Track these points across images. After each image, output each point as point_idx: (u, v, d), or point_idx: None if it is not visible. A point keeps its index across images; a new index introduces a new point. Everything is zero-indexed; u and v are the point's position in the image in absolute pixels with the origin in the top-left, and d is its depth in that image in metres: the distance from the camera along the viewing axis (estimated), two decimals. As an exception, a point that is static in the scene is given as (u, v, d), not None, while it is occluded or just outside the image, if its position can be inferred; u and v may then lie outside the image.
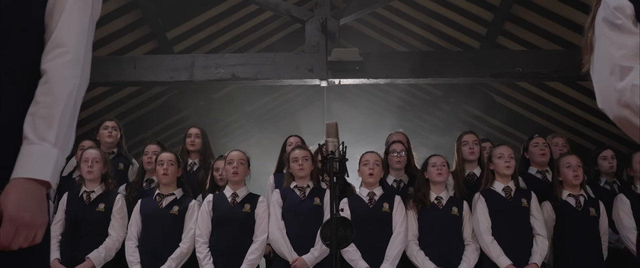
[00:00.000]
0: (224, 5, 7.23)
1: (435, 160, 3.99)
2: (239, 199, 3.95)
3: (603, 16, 1.38)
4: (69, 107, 1.21)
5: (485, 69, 5.14)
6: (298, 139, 4.73)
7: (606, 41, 1.35)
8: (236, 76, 5.15)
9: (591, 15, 1.45)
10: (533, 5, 6.24)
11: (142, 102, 8.20)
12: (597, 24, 1.40)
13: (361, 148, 8.08)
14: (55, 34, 1.26)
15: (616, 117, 1.31)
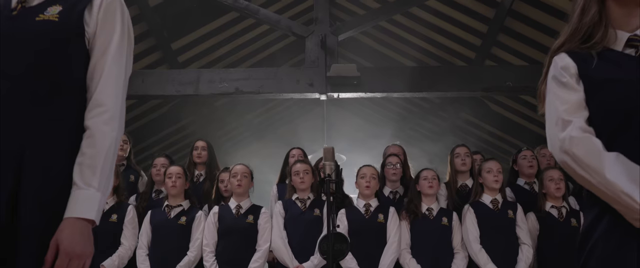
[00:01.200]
0: (226, 17, 7.53)
1: (426, 173, 4.28)
2: (243, 211, 4.25)
3: (552, 74, 1.67)
4: (108, 158, 1.49)
5: (478, 83, 5.43)
6: (300, 152, 5.01)
7: (553, 96, 1.64)
8: (240, 90, 5.44)
9: (544, 71, 1.73)
10: (526, 18, 6.54)
11: (146, 110, 8.49)
12: (548, 80, 1.69)
13: (359, 153, 8.40)
14: (96, 95, 1.52)
15: (560, 160, 1.60)
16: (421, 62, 7.92)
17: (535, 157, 4.75)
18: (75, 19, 1.53)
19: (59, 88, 1.48)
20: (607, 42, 1.65)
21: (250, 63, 8.55)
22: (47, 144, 1.43)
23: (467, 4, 6.91)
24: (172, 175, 4.33)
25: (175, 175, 4.33)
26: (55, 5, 1.54)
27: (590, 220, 1.56)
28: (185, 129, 9.37)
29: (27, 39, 1.49)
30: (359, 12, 7.62)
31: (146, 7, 6.63)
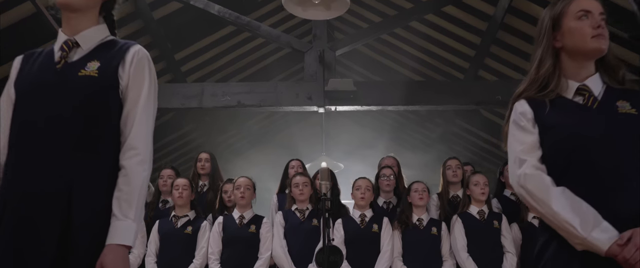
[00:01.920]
0: (227, 29, 7.84)
1: (417, 186, 4.59)
2: (246, 221, 4.56)
3: (513, 118, 1.99)
4: (141, 193, 1.79)
5: (469, 96, 5.75)
6: (299, 163, 5.31)
7: (513, 137, 1.96)
8: (242, 103, 5.75)
9: (507, 115, 2.05)
10: (517, 31, 6.86)
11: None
12: (510, 123, 2.00)
13: (356, 159, 8.69)
14: (129, 140, 1.82)
15: (517, 193, 1.91)
16: (418, 73, 8.25)
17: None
18: (111, 74, 1.83)
19: (98, 133, 1.79)
20: (560, 90, 1.97)
21: (250, 72, 8.87)
22: (90, 183, 1.73)
23: (461, 17, 7.22)
24: (178, 187, 4.64)
25: (182, 186, 4.64)
26: (93, 61, 1.85)
27: (542, 243, 1.87)
28: (187, 135, 9.69)
29: (71, 90, 1.80)
30: (358, 27, 8.00)
31: (151, 20, 6.93)
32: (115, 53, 1.88)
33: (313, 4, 4.40)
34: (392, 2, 7.50)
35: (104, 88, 1.81)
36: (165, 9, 7.06)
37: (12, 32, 5.91)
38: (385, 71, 8.71)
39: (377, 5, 7.76)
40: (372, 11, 7.94)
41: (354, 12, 8.13)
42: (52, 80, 1.81)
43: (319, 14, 4.53)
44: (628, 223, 1.70)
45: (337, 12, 4.51)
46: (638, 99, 1.91)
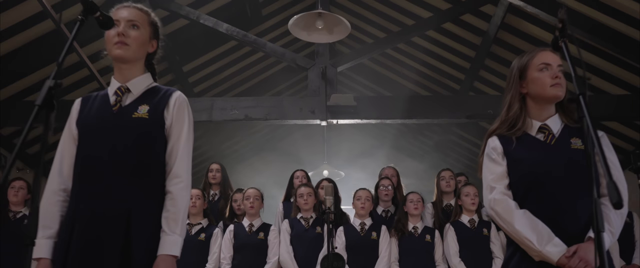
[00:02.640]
0: (231, 43, 8.29)
1: (412, 196, 5.04)
2: (255, 228, 5.01)
3: (486, 151, 2.43)
4: (185, 213, 2.22)
5: (462, 110, 6.19)
6: (303, 173, 5.75)
7: (485, 168, 2.40)
8: (248, 116, 6.19)
9: (482, 148, 2.49)
10: (510, 46, 7.31)
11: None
12: (484, 155, 2.44)
13: (358, 166, 9.12)
14: (174, 170, 2.25)
15: (489, 214, 2.35)
16: (418, 85, 8.73)
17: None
18: (159, 116, 2.27)
19: (149, 164, 2.22)
20: (526, 128, 2.41)
21: (255, 81, 9.33)
22: (145, 205, 2.17)
23: (456, 31, 7.67)
24: (192, 197, 5.08)
25: (196, 196, 5.08)
26: (143, 104, 2.29)
27: (508, 255, 2.31)
28: (197, 148, 10.14)
29: (127, 130, 2.23)
30: (361, 42, 8.49)
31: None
32: (161, 98, 2.32)
33: (317, 29, 4.84)
34: (394, 18, 7.97)
35: (153, 127, 2.25)
36: (175, 24, 7.50)
37: (34, 47, 6.36)
38: (384, 84, 9.19)
39: (378, 19, 8.22)
40: (373, 25, 8.41)
41: (354, 28, 8.62)
42: (111, 121, 2.25)
43: (322, 37, 4.96)
44: (575, 239, 2.15)
45: (339, 36, 4.95)
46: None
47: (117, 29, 2.27)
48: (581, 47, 6.61)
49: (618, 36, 5.97)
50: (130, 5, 2.38)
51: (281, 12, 8.35)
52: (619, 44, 6.07)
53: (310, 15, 4.71)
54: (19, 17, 6.01)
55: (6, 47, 6.24)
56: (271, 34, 8.58)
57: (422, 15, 7.49)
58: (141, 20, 2.36)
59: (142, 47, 2.35)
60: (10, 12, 5.89)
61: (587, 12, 5.94)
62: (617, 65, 6.52)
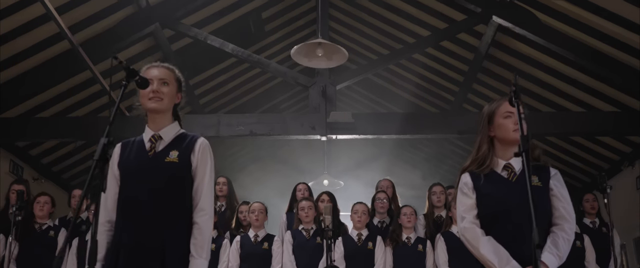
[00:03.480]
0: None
1: (406, 210, 5.54)
2: (260, 239, 5.52)
3: (459, 186, 2.92)
4: (209, 240, 2.70)
5: (454, 126, 6.69)
6: (305, 186, 6.25)
7: (458, 199, 2.90)
8: (253, 132, 6.68)
9: (456, 183, 2.99)
10: (501, 61, 7.82)
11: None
12: (458, 189, 2.94)
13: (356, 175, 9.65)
14: (200, 204, 2.73)
15: (461, 239, 2.85)
16: (417, 96, 9.29)
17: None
18: (186, 160, 2.76)
19: (180, 200, 2.72)
20: (493, 166, 2.90)
21: (256, 95, 9.88)
22: (177, 235, 2.66)
23: (449, 47, 8.18)
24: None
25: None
26: (174, 150, 2.78)
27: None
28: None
29: (161, 172, 2.72)
30: (362, 57, 9.06)
31: (169, 51, 7.85)
32: (187, 144, 2.81)
33: (317, 56, 5.34)
34: (393, 35, 8.51)
35: (182, 170, 2.75)
36: (182, 41, 8.01)
37: (50, 65, 6.87)
38: (383, 96, 9.74)
39: (379, 36, 8.76)
40: (374, 41, 8.95)
41: (355, 44, 9.20)
42: (147, 165, 2.75)
43: (322, 63, 5.47)
44: (529, 262, 2.65)
45: (337, 62, 5.45)
46: (543, 174, 2.85)
47: (151, 87, 2.76)
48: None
49: (609, 60, 6.50)
50: (159, 65, 2.88)
51: (283, 28, 8.85)
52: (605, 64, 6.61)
53: (311, 44, 5.21)
54: (35, 39, 6.52)
55: (23, 66, 6.75)
56: (273, 49, 9.09)
57: (421, 33, 8.01)
58: (169, 77, 2.85)
59: (171, 100, 2.85)
60: (30, 34, 6.40)
61: (583, 39, 6.47)
62: (609, 85, 7.03)
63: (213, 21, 7.87)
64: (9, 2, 5.92)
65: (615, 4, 5.93)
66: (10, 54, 6.47)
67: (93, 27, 6.84)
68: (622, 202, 8.13)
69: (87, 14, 6.62)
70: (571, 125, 6.89)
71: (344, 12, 8.79)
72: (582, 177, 9.21)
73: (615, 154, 8.25)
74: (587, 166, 8.92)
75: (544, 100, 7.96)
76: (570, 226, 2.81)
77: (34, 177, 8.24)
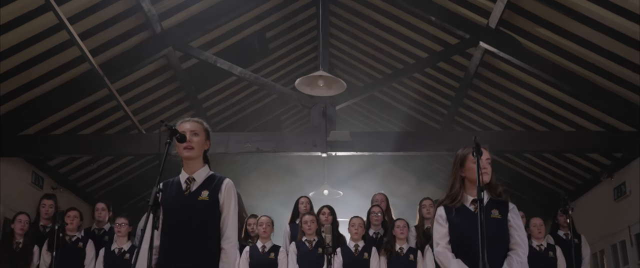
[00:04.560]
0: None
1: (399, 223, 6.29)
2: (267, 249, 6.27)
3: (435, 217, 3.67)
4: (235, 263, 3.45)
5: (443, 144, 7.44)
6: (307, 200, 6.99)
7: (434, 228, 3.64)
8: (260, 149, 7.42)
9: (433, 214, 3.73)
10: (490, 80, 8.56)
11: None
12: (434, 220, 3.69)
13: (354, 186, 10.44)
14: (226, 233, 3.46)
15: (437, 262, 3.60)
16: (414, 109, 10.12)
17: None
18: (215, 198, 3.49)
19: (210, 231, 3.45)
20: (463, 200, 3.65)
21: (258, 105, 10.66)
22: (209, 259, 3.40)
23: (445, 67, 8.92)
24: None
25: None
26: (205, 190, 3.51)
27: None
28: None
29: (195, 208, 3.45)
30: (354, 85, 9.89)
31: (179, 70, 8.57)
32: (216, 184, 3.55)
33: (318, 86, 6.08)
34: (386, 62, 9.28)
35: (212, 206, 3.48)
36: (192, 59, 8.73)
37: (71, 86, 7.58)
38: (378, 116, 10.57)
39: (379, 55, 9.52)
40: (373, 60, 9.71)
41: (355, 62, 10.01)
42: (184, 203, 3.48)
43: (323, 92, 6.20)
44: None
45: (336, 91, 6.19)
46: (503, 208, 3.60)
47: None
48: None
49: (588, 83, 7.26)
50: (190, 120, 3.60)
51: (287, 45, 9.59)
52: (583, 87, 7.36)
53: (313, 76, 5.95)
54: (58, 62, 7.24)
55: (46, 87, 7.47)
56: (275, 65, 9.83)
57: (416, 55, 8.76)
58: (199, 129, 3.58)
59: (201, 148, 3.58)
60: (53, 59, 7.12)
61: (561, 62, 7.22)
62: (593, 107, 7.77)
63: (220, 42, 8.59)
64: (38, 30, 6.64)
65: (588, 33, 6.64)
66: (33, 77, 7.18)
67: (111, 51, 7.56)
68: (601, 211, 8.91)
69: (107, 38, 7.33)
70: (557, 143, 7.64)
71: (344, 33, 9.57)
72: (567, 186, 9.97)
73: (596, 166, 8.99)
74: (572, 176, 9.67)
75: (531, 117, 8.70)
76: (523, 251, 3.56)
77: (53, 186, 8.96)
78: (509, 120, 8.91)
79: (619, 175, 8.44)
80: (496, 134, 8.23)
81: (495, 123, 9.18)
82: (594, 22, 6.41)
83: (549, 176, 9.97)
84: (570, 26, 6.75)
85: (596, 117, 7.90)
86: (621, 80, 7.02)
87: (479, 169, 3.27)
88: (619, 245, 8.55)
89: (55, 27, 6.60)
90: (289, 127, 10.98)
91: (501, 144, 7.41)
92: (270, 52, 9.44)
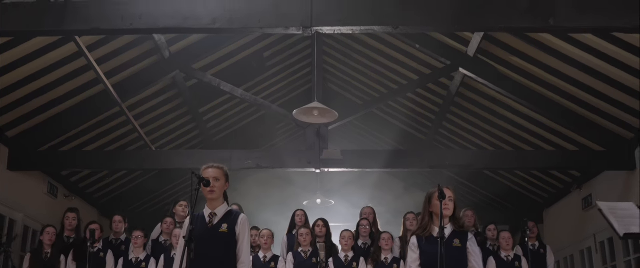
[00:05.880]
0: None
1: (384, 236, 7.30)
2: (268, 259, 7.28)
3: (409, 245, 4.70)
4: None
5: (426, 161, 8.47)
6: (302, 213, 7.96)
7: (408, 255, 4.66)
8: (260, 165, 8.42)
9: (407, 242, 4.76)
10: (472, 100, 9.58)
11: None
12: (408, 247, 4.71)
13: (344, 193, 11.54)
14: (242, 259, 4.42)
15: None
16: (407, 123, 11.21)
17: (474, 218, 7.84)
18: (233, 230, 4.48)
19: (229, 257, 4.46)
20: (432, 231, 4.67)
21: (255, 116, 11.69)
22: None
23: (431, 87, 9.93)
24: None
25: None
26: (224, 223, 4.50)
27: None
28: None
29: (217, 239, 4.43)
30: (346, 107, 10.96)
31: (184, 87, 9.55)
32: (233, 219, 4.54)
33: (313, 115, 7.08)
34: (373, 87, 10.31)
35: (231, 237, 4.47)
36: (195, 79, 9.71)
37: (85, 105, 8.55)
38: (368, 133, 11.63)
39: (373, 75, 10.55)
40: (365, 76, 10.73)
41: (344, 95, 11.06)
42: (208, 234, 4.45)
43: (317, 120, 7.20)
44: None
45: (329, 119, 7.19)
46: (463, 238, 4.63)
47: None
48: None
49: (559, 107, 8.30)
50: (213, 166, 4.57)
51: (283, 63, 10.58)
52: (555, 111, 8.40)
53: (308, 108, 6.94)
54: (75, 84, 8.19)
55: (63, 107, 8.43)
56: (270, 82, 10.84)
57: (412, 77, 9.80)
58: (220, 175, 4.56)
59: (221, 190, 4.58)
60: (71, 82, 8.07)
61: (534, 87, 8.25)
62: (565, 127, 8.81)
63: (221, 63, 9.58)
64: (59, 58, 7.58)
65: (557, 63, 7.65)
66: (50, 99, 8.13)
67: (123, 74, 8.53)
68: (571, 219, 10.01)
69: (120, 62, 8.29)
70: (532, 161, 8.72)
71: (338, 61, 10.61)
72: (542, 194, 11.09)
73: (568, 177, 10.06)
74: (547, 185, 10.76)
75: (512, 134, 9.74)
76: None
77: (66, 194, 9.95)
78: (485, 141, 9.94)
79: (587, 188, 9.50)
80: (476, 153, 9.27)
81: (472, 143, 10.24)
82: (562, 55, 7.40)
83: (526, 185, 11.04)
84: (541, 57, 7.75)
85: (569, 137, 8.94)
86: (587, 105, 8.04)
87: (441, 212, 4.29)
88: (585, 252, 9.64)
89: (74, 55, 7.55)
90: (284, 141, 12.01)
91: (482, 162, 8.45)
92: (268, 69, 10.42)
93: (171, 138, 10.63)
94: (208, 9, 5.32)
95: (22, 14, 5.46)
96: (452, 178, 11.46)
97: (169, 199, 12.51)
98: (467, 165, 8.39)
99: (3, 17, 5.40)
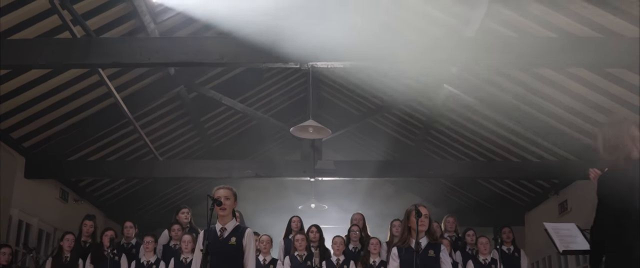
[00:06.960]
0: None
1: (373, 241, 8.21)
2: (267, 262, 8.20)
3: (391, 255, 5.64)
4: None
5: (413, 171, 9.41)
6: (298, 219, 8.86)
7: (390, 263, 5.61)
8: (258, 174, 9.34)
9: (390, 254, 5.70)
10: (455, 113, 10.52)
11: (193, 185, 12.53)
12: (390, 257, 5.65)
13: (337, 198, 12.54)
14: (248, 267, 5.41)
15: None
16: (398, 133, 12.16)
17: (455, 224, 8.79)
18: (240, 242, 5.37)
19: (238, 265, 5.39)
20: (410, 243, 5.61)
21: (252, 124, 12.62)
22: None
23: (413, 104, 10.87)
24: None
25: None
26: (233, 237, 5.40)
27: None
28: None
29: (227, 249, 5.35)
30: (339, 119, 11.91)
31: (189, 103, 10.45)
32: (240, 232, 5.43)
33: (308, 132, 8.00)
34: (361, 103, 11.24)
35: (239, 249, 5.36)
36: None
37: (97, 117, 9.44)
38: (358, 144, 12.61)
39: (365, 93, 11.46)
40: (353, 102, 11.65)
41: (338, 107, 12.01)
42: (219, 246, 5.35)
43: (311, 136, 8.12)
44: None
45: (324, 135, 8.11)
46: (437, 249, 5.57)
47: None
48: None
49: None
50: (224, 187, 5.47)
51: (278, 74, 11.48)
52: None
53: (304, 126, 7.86)
54: (87, 98, 9.08)
55: (74, 119, 9.33)
56: (266, 94, 11.76)
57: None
58: (230, 194, 5.46)
59: (231, 208, 5.49)
60: (83, 97, 8.96)
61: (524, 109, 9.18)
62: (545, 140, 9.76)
63: (221, 76, 10.48)
64: (74, 76, 8.46)
65: (538, 85, 8.57)
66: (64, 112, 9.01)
67: (131, 89, 9.41)
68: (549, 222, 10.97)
69: (129, 78, 9.17)
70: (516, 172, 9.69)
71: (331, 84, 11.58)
72: (524, 198, 12.07)
73: (547, 183, 11.03)
74: (528, 190, 11.73)
75: (496, 145, 10.67)
76: None
77: (75, 198, 10.86)
78: (469, 151, 10.89)
79: (563, 194, 10.47)
80: (459, 163, 10.22)
81: (455, 153, 11.19)
82: (544, 78, 8.34)
83: (509, 190, 12.03)
84: (522, 77, 8.69)
85: (547, 148, 9.90)
86: (565, 121, 8.99)
87: (417, 228, 5.24)
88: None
89: (88, 72, 8.44)
90: (280, 148, 12.98)
91: (466, 172, 9.41)
92: (265, 80, 11.33)
93: (174, 145, 11.52)
94: (216, 46, 6.19)
95: (55, 49, 6.31)
96: (439, 182, 12.44)
97: (169, 201, 13.49)
98: (450, 175, 9.32)
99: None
